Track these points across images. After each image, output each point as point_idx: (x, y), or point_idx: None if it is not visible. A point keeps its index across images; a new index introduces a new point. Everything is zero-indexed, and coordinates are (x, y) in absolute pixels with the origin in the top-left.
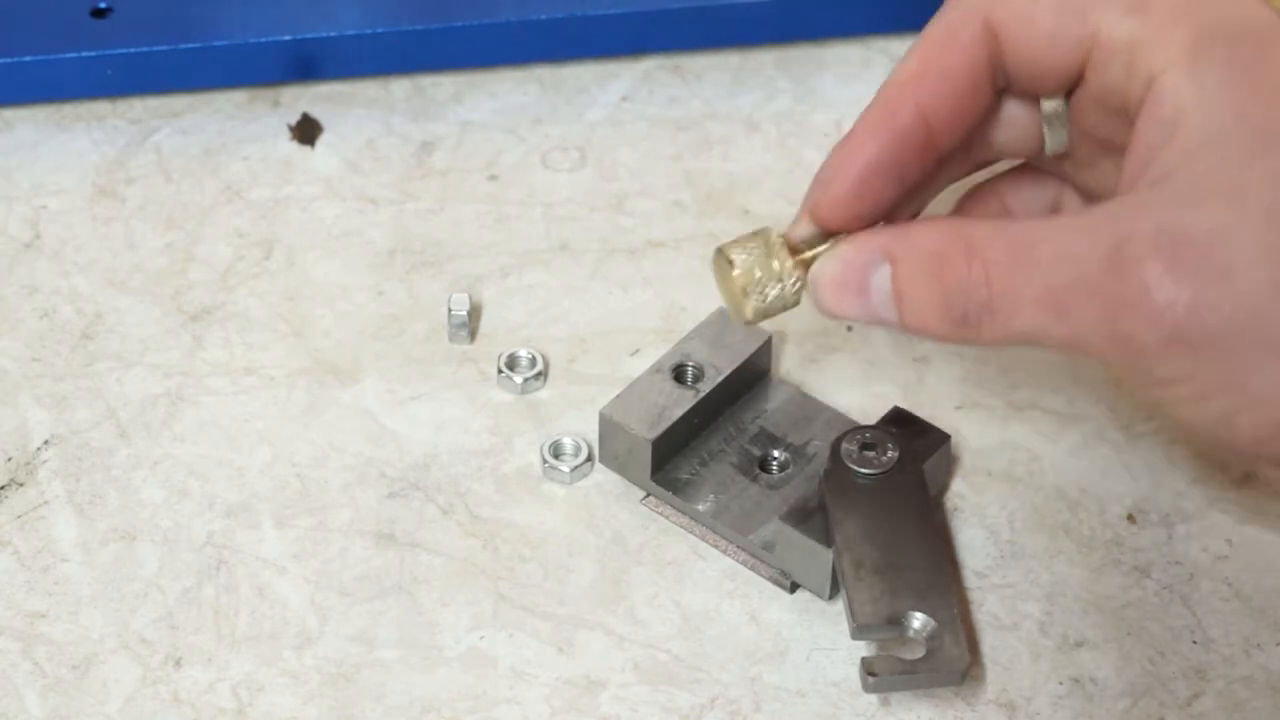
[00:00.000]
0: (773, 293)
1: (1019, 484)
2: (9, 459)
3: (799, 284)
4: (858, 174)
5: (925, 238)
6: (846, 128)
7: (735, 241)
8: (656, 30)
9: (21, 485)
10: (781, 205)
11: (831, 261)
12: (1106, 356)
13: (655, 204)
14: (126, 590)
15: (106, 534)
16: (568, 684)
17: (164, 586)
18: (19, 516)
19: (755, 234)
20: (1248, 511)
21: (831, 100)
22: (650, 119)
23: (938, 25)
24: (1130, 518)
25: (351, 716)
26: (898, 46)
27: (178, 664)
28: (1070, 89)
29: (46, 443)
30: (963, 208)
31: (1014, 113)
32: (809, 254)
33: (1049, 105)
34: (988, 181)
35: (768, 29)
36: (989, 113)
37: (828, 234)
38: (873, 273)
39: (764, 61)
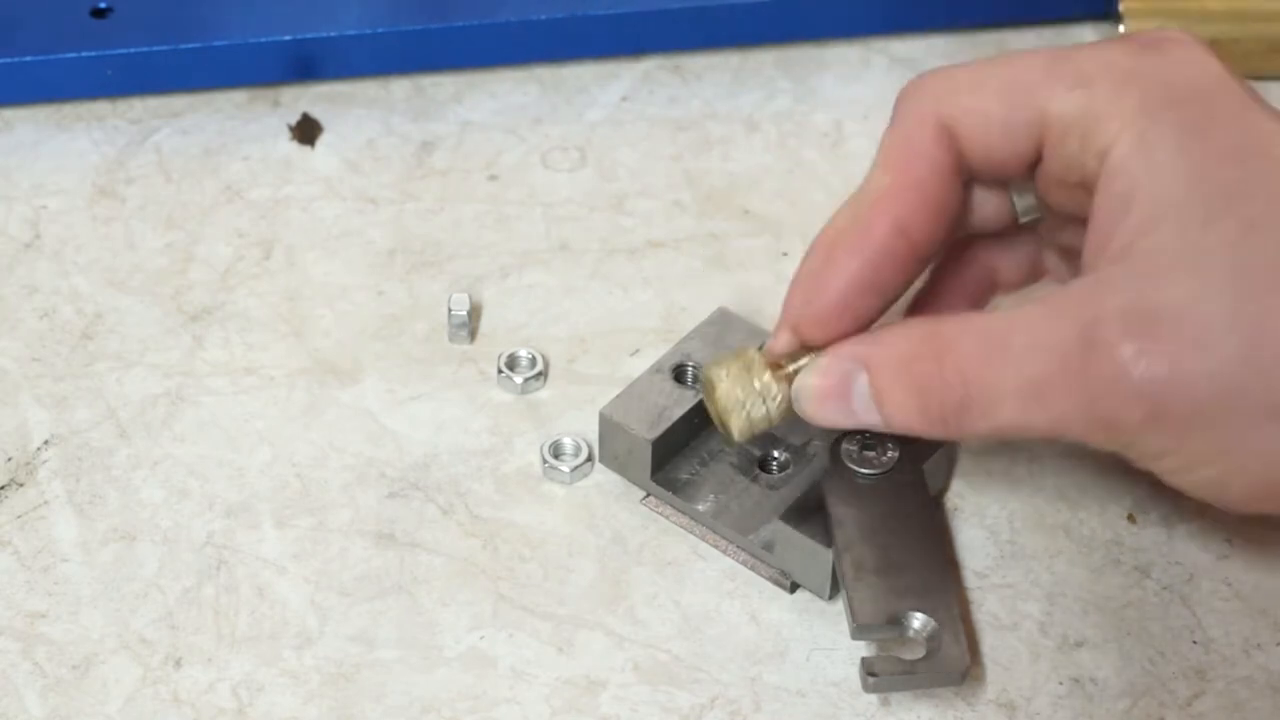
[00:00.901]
0: (757, 411)
1: (1019, 484)
2: (9, 459)
3: (781, 400)
4: (840, 292)
5: (897, 342)
6: (847, 128)
7: (716, 361)
8: (656, 30)
9: (21, 485)
10: (781, 205)
11: (811, 376)
12: (1091, 439)
13: (655, 204)
14: (126, 590)
15: (106, 534)
16: (568, 684)
17: (164, 586)
18: (19, 516)
19: (735, 354)
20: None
21: (831, 100)
22: (650, 119)
23: (895, 135)
24: (1130, 518)
25: (351, 716)
26: (898, 46)
27: (178, 664)
28: (1032, 167)
29: (46, 443)
30: (944, 273)
31: (982, 195)
32: (790, 368)
33: (1015, 184)
34: (966, 244)
35: (768, 29)
36: (961, 206)
37: (807, 347)
38: (852, 381)
39: (764, 61)
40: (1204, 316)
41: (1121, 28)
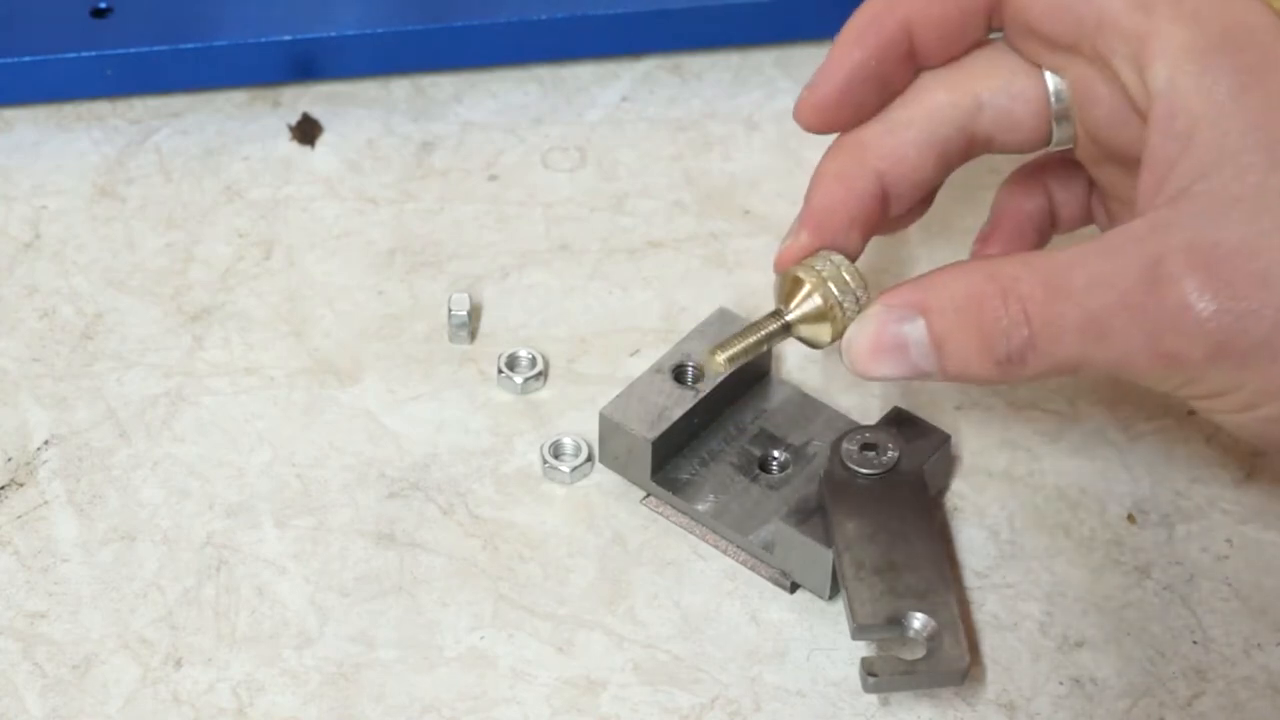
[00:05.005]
0: (851, 311)
1: (1019, 484)
2: (9, 459)
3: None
4: (844, 78)
5: (955, 284)
6: None
7: (798, 266)
8: (656, 30)
9: (21, 485)
10: (782, 205)
11: (863, 324)
12: (1152, 375)
13: (655, 204)
14: (126, 590)
15: (106, 534)
16: (568, 684)
17: (164, 586)
18: (19, 516)
19: (817, 256)
20: (1248, 511)
21: None
22: (650, 119)
23: None
24: (1130, 518)
25: (351, 716)
26: None
27: (178, 664)
28: (1064, 54)
29: (46, 443)
30: (1006, 195)
31: (1019, 113)
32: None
33: (1057, 103)
34: (1029, 168)
35: (768, 29)
36: (977, 37)
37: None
38: (907, 327)
39: (764, 61)
40: (1266, 255)
41: None
